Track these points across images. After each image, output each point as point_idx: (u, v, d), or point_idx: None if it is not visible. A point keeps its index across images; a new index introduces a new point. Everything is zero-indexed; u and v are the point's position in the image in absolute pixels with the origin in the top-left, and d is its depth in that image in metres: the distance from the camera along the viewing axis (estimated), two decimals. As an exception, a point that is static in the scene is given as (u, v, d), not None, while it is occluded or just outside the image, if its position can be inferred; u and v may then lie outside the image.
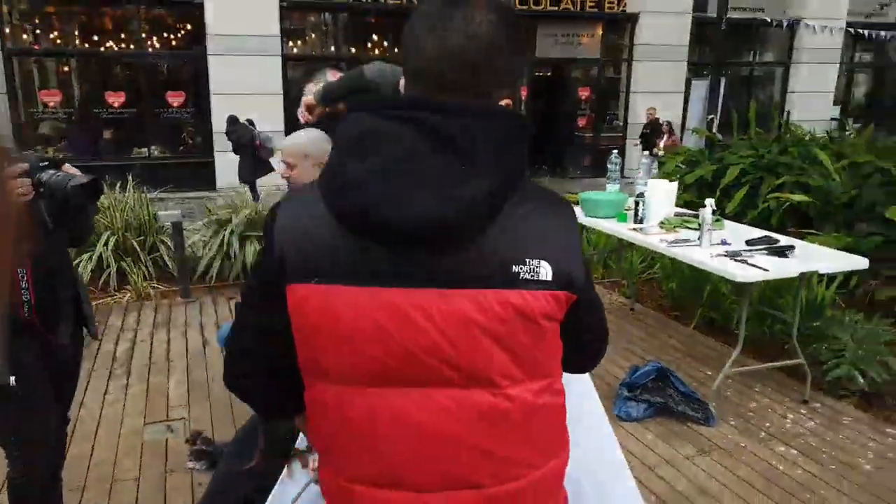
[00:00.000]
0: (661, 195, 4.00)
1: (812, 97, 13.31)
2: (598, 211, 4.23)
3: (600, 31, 13.53)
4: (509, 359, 0.94)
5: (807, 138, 6.03)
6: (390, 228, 0.89)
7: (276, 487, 1.68)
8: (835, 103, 13.95)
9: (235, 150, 9.00)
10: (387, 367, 0.94)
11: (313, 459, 1.78)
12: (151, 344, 4.31)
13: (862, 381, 3.54)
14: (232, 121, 9.08)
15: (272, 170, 9.03)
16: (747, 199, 5.39)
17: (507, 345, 0.93)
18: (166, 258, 5.72)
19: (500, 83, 0.95)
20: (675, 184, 4.20)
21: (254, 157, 8.85)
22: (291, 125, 11.75)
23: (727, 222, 4.08)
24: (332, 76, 3.03)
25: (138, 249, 5.55)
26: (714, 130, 9.00)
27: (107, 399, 3.51)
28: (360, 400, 0.96)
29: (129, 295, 5.20)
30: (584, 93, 13.72)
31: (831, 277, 4.27)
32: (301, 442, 1.83)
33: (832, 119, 13.01)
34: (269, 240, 0.97)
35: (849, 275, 4.49)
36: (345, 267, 0.92)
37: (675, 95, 13.22)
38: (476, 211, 0.90)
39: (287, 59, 11.59)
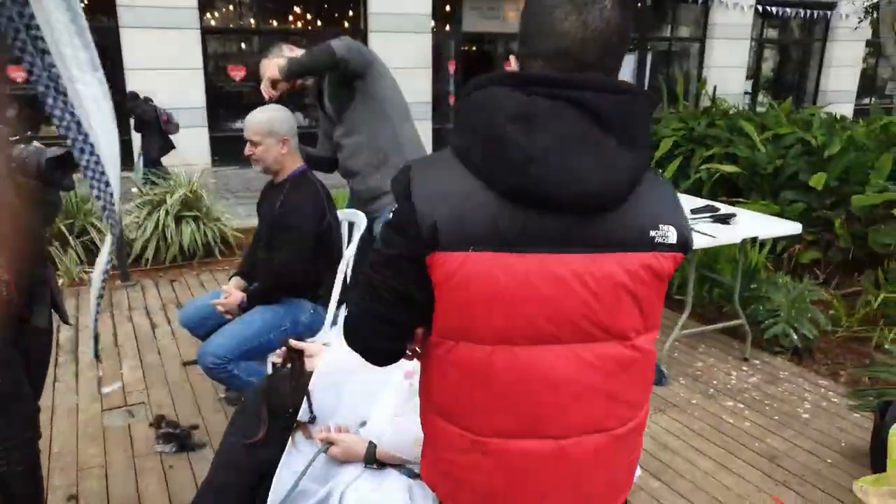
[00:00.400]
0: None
1: (727, 72, 13.87)
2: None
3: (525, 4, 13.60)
4: (640, 314, 1.03)
5: (731, 111, 6.32)
6: (558, 201, 0.95)
7: (283, 458, 1.69)
8: (747, 78, 14.59)
9: (138, 128, 8.60)
10: (539, 328, 1.00)
11: (316, 431, 1.81)
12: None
13: (795, 337, 3.81)
14: (133, 96, 8.69)
15: (174, 147, 8.69)
16: (680, 171, 5.63)
17: (640, 302, 1.02)
18: (98, 241, 5.47)
19: (620, 61, 1.02)
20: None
21: (160, 134, 8.49)
22: (212, 101, 11.25)
23: (668, 192, 4.25)
24: (289, 51, 2.97)
25: (66, 233, 5.29)
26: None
27: (57, 387, 3.35)
28: (509, 358, 1.01)
29: (61, 280, 4.96)
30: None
31: (762, 243, 4.53)
32: (303, 414, 1.84)
33: (745, 93, 13.64)
34: (409, 210, 0.98)
35: (777, 240, 4.78)
36: (501, 235, 0.96)
37: (599, 70, 13.50)
38: (630, 184, 0.97)
39: (206, 32, 11.16)
